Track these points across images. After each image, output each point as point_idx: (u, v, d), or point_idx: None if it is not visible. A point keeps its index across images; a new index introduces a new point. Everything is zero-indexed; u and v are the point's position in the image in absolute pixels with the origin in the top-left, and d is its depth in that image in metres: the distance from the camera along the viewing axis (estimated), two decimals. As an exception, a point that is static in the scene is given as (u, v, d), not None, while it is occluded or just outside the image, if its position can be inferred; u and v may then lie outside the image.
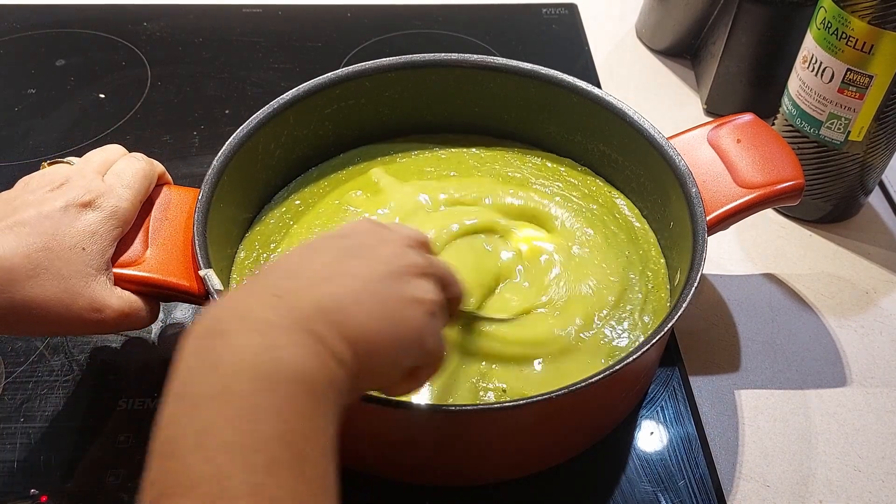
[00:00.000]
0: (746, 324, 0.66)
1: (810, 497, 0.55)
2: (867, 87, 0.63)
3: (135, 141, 0.80)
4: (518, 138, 0.72)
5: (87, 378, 0.60)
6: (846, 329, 0.66)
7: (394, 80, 0.67)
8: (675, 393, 0.61)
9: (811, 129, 0.68)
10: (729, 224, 0.59)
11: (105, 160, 0.54)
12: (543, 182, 0.68)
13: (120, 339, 0.63)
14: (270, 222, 0.65)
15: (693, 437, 0.58)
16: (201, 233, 0.54)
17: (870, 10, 0.59)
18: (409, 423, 0.49)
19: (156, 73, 0.88)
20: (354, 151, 0.70)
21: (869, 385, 0.62)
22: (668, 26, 0.90)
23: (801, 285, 0.69)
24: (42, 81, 0.87)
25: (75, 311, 0.49)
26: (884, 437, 0.59)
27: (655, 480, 0.56)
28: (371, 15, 0.97)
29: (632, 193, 0.67)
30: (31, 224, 0.48)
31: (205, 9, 0.97)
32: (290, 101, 0.63)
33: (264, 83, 0.87)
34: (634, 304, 0.60)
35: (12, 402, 0.58)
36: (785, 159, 0.60)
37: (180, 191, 0.58)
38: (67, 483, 0.54)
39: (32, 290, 0.47)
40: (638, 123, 0.62)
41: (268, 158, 0.64)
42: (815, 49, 0.64)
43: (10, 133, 0.81)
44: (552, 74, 0.66)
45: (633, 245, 0.64)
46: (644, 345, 0.49)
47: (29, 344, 0.62)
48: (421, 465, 0.54)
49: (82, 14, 0.95)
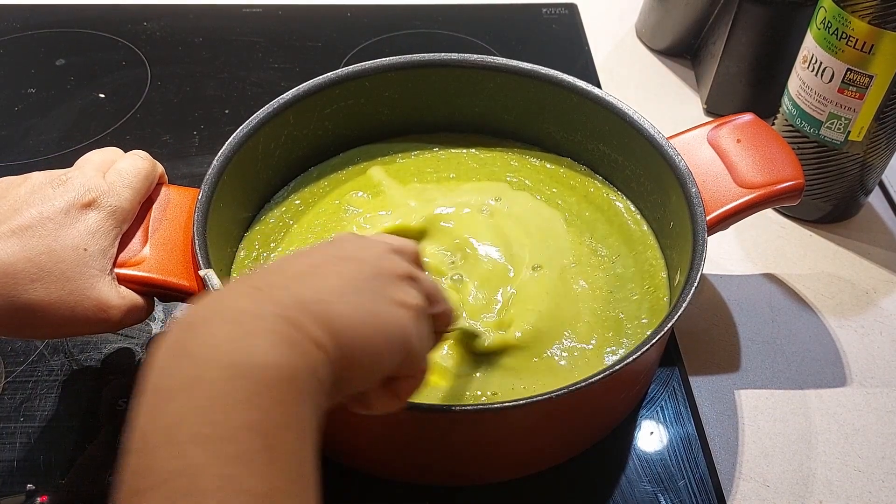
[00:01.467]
0: (746, 324, 0.66)
1: (810, 497, 0.55)
2: (867, 87, 0.63)
3: (135, 141, 0.80)
4: (518, 138, 0.72)
5: (87, 378, 0.60)
6: (846, 329, 0.66)
7: (394, 80, 0.67)
8: (675, 393, 0.61)
9: (811, 129, 0.68)
10: (729, 224, 0.59)
11: (105, 160, 0.54)
12: (541, 184, 0.68)
13: (120, 339, 0.63)
14: (270, 221, 0.65)
15: (693, 437, 0.58)
16: (201, 233, 0.53)
17: (870, 10, 0.59)
18: (408, 423, 0.49)
19: (156, 73, 0.88)
20: (354, 151, 0.70)
21: (869, 385, 0.62)
22: (668, 26, 0.90)
23: (801, 285, 0.69)
24: (42, 81, 0.87)
25: (80, 312, 0.49)
26: (884, 437, 0.59)
27: (655, 480, 0.56)
28: (371, 15, 0.97)
29: (631, 193, 0.67)
30: (33, 227, 0.48)
31: (205, 9, 0.97)
32: (290, 101, 0.63)
33: (264, 83, 0.87)
34: (634, 304, 0.59)
35: (12, 401, 0.58)
36: (785, 159, 0.60)
37: (180, 191, 0.58)
38: (66, 482, 0.54)
39: (36, 292, 0.47)
40: (638, 123, 0.62)
41: (268, 158, 0.64)
42: (815, 49, 0.64)
43: (10, 133, 0.81)
44: (552, 74, 0.66)
45: (633, 245, 0.64)
46: (644, 345, 0.49)
47: (29, 344, 0.62)
48: (421, 465, 0.54)
49: (82, 14, 0.95)
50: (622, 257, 0.63)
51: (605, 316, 0.59)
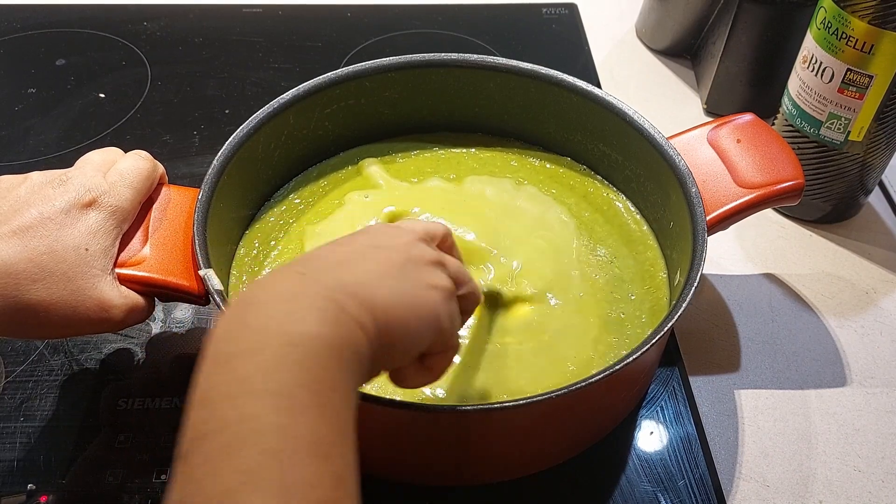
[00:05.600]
0: (746, 324, 0.66)
1: (810, 497, 0.55)
2: (867, 87, 0.63)
3: (135, 141, 0.80)
4: (518, 138, 0.72)
5: (87, 378, 0.60)
6: (846, 329, 0.66)
7: (394, 80, 0.67)
8: (675, 393, 0.61)
9: (811, 129, 0.68)
10: (729, 224, 0.59)
11: (105, 160, 0.54)
12: (541, 183, 0.68)
13: (120, 338, 0.63)
14: (270, 220, 0.65)
15: (693, 437, 0.58)
16: (201, 233, 0.54)
17: (870, 10, 0.59)
18: (409, 423, 0.49)
19: (156, 73, 0.88)
20: (354, 151, 0.70)
21: (869, 385, 0.62)
22: (668, 26, 0.90)
23: (801, 285, 0.69)
24: (42, 81, 0.87)
25: (81, 311, 0.49)
26: (884, 438, 0.59)
27: (655, 480, 0.56)
28: (371, 15, 0.97)
29: (631, 193, 0.67)
30: (34, 227, 0.48)
31: (205, 9, 0.97)
32: (290, 101, 0.63)
33: (264, 83, 0.87)
34: (633, 304, 0.60)
35: (12, 401, 0.58)
36: (785, 159, 0.60)
37: (180, 190, 0.58)
38: (67, 482, 0.54)
39: (38, 293, 0.47)
40: (638, 123, 0.62)
41: (268, 158, 0.64)
42: (815, 49, 0.64)
43: (10, 133, 0.81)
44: (552, 74, 0.66)
45: (632, 245, 0.64)
46: (644, 345, 0.49)
47: (29, 344, 0.62)
48: (421, 465, 0.54)
49: (82, 14, 0.95)
50: (622, 258, 0.63)
51: (605, 316, 0.59)
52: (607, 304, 0.59)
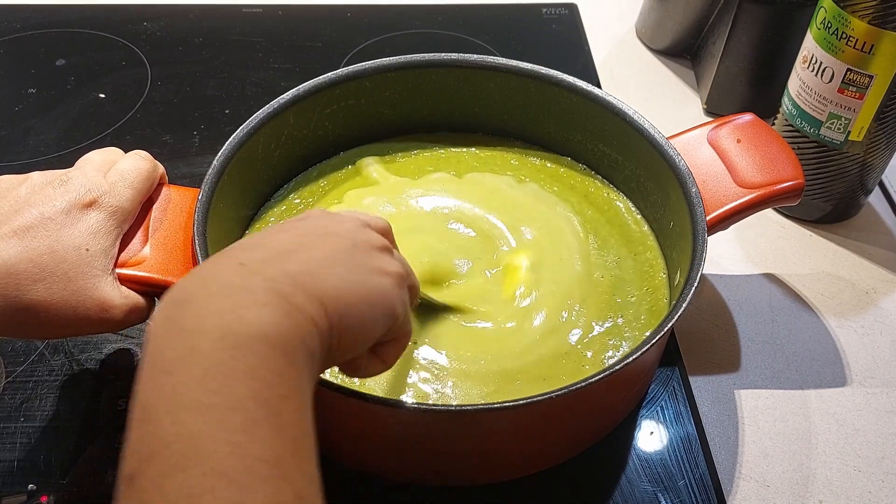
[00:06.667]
0: (746, 324, 0.66)
1: (810, 497, 0.55)
2: (867, 87, 0.63)
3: (135, 141, 0.80)
4: (518, 138, 0.72)
5: (87, 378, 0.60)
6: (846, 329, 0.66)
7: (394, 80, 0.67)
8: (675, 393, 0.61)
9: (811, 129, 0.68)
10: (729, 224, 0.59)
11: (106, 160, 0.54)
12: (541, 183, 0.68)
13: (120, 338, 0.63)
14: (270, 220, 0.65)
15: (693, 437, 0.58)
16: (201, 233, 0.54)
17: (870, 10, 0.59)
18: (408, 422, 0.49)
19: (156, 73, 0.88)
20: (354, 151, 0.70)
21: (869, 385, 0.62)
22: (668, 26, 0.90)
23: (801, 285, 0.69)
24: (42, 81, 0.87)
25: (82, 311, 0.49)
26: (884, 437, 0.59)
27: (655, 480, 0.56)
28: (371, 15, 0.97)
29: (631, 193, 0.67)
30: (34, 227, 0.48)
31: (205, 9, 0.97)
32: (290, 101, 0.63)
33: (264, 83, 0.87)
34: (633, 304, 0.60)
35: (12, 401, 0.58)
36: (785, 159, 0.60)
37: (180, 191, 0.58)
38: (67, 482, 0.54)
39: (38, 293, 0.47)
40: (638, 123, 0.62)
41: (268, 158, 0.64)
42: (815, 49, 0.64)
43: (10, 133, 0.81)
44: (552, 74, 0.66)
45: (632, 245, 0.64)
46: (644, 345, 0.49)
47: (29, 344, 0.62)
48: (421, 465, 0.54)
49: (82, 14, 0.95)
50: (622, 258, 0.63)
51: (605, 316, 0.59)
52: (607, 304, 0.59)
